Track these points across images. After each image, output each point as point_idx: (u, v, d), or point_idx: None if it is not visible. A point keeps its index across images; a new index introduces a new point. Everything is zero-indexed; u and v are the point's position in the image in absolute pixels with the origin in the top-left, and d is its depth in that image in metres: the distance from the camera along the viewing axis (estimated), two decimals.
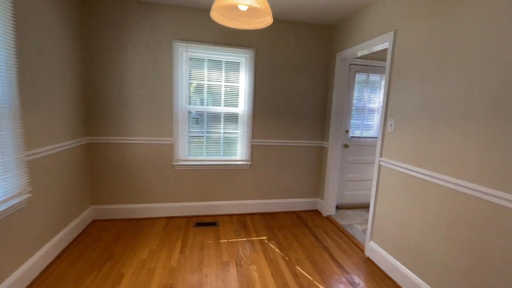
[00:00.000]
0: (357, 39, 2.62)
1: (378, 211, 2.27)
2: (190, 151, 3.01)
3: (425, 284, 1.78)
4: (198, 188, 3.06)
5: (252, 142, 3.09)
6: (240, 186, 3.15)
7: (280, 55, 3.02)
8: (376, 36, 2.33)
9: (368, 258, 2.35)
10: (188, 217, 3.03)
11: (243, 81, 3.01)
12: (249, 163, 3.11)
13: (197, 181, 3.04)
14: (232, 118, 3.06)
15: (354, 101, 3.34)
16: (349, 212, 3.39)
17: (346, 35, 2.82)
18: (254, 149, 3.12)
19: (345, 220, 3.13)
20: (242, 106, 3.05)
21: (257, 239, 2.61)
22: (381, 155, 2.25)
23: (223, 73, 2.96)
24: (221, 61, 2.93)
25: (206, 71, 2.91)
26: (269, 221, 3.02)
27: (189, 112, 2.94)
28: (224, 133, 3.06)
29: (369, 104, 3.44)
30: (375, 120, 3.46)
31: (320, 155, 3.33)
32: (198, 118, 2.98)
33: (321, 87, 3.21)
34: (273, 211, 3.29)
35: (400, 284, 1.98)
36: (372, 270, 2.18)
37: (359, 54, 2.70)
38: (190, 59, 2.86)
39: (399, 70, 2.06)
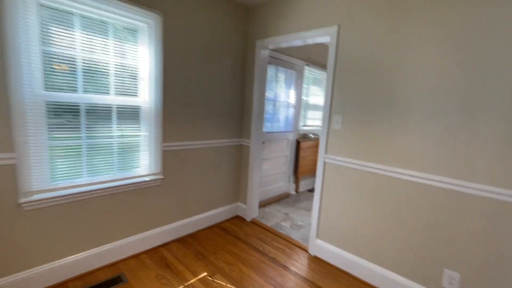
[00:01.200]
0: (287, 27, 2.42)
1: (324, 208, 2.25)
2: (56, 172, 1.73)
3: (380, 268, 1.92)
4: (79, 230, 1.85)
5: (163, 147, 2.22)
6: (148, 211, 2.22)
7: (194, 30, 2.30)
8: (314, 28, 2.22)
9: (315, 257, 2.31)
10: (65, 283, 1.78)
11: (145, 59, 2.05)
12: (161, 176, 2.23)
13: (75, 221, 1.82)
14: (130, 114, 2.04)
15: (266, 94, 3.20)
16: (267, 209, 3.28)
17: (271, 21, 2.55)
18: (166, 157, 2.27)
19: (270, 220, 2.99)
20: (147, 96, 2.10)
21: (196, 280, 1.92)
22: (326, 152, 2.21)
23: (112, 43, 1.87)
24: (106, 22, 1.83)
25: (79, 34, 1.72)
26: (195, 246, 2.34)
27: (49, 104, 1.65)
28: (120, 136, 2.00)
29: (279, 98, 3.41)
30: (285, 114, 3.50)
31: (239, 154, 2.96)
32: (69, 114, 1.74)
33: (239, 77, 2.80)
34: (192, 231, 2.60)
35: (356, 275, 2.06)
36: (326, 268, 2.15)
37: (284, 45, 2.53)
38: (44, 7, 1.57)
39: (344, 67, 2.05)
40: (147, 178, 2.14)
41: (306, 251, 2.40)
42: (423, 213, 1.71)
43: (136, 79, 2.03)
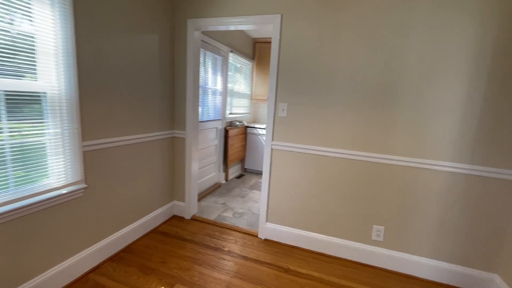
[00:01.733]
0: (225, 9, 2.26)
1: (273, 193, 2.36)
2: None
3: (324, 236, 2.23)
4: None
5: (83, 147, 1.69)
6: (68, 232, 1.68)
7: None
8: (257, 14, 2.17)
9: (266, 240, 2.41)
10: None
11: (48, 26, 1.46)
12: (82, 185, 1.71)
13: None
14: (27, 104, 1.43)
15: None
16: (203, 203, 3.13)
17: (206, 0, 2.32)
18: (88, 159, 1.75)
19: (211, 213, 2.88)
20: (53, 79, 1.52)
21: None
22: (273, 139, 2.29)
23: None
24: None
25: None
26: (137, 261, 1.98)
27: None
28: (13, 137, 1.38)
29: (207, 85, 3.20)
30: (213, 102, 3.33)
31: (173, 148, 2.63)
32: None
33: (169, 60, 2.43)
34: (127, 244, 2.17)
35: (306, 247, 2.29)
36: (279, 248, 2.29)
37: (222, 28, 2.38)
38: None
39: (287, 57, 2.14)
40: (64, 191, 1.59)
41: (256, 236, 2.47)
42: (355, 183, 2.08)
43: (33, 54, 1.42)
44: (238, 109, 4.27)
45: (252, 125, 4.42)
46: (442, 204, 1.89)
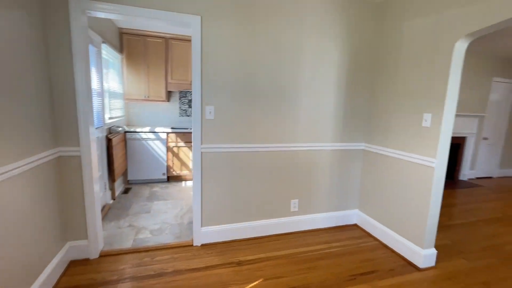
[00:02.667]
0: None
1: (206, 197, 2.33)
2: None
3: (255, 222, 2.53)
4: None
5: None
6: None
7: None
8: (173, 11, 1.99)
9: (203, 245, 2.37)
10: None
11: None
12: None
13: None
14: None
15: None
16: (103, 233, 2.47)
17: None
18: None
19: (122, 241, 2.37)
20: None
21: None
22: (202, 143, 2.24)
23: None
24: None
25: None
26: None
27: None
28: None
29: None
30: (95, 105, 2.59)
31: (57, 173, 1.90)
32: None
33: (41, 50, 1.70)
34: None
35: (242, 237, 2.48)
36: (216, 248, 2.34)
37: (122, 18, 1.98)
38: None
39: (210, 59, 2.15)
40: None
41: (192, 245, 2.36)
42: (275, 170, 2.52)
43: None
44: (116, 112, 3.55)
45: (133, 130, 3.83)
46: (327, 172, 2.71)
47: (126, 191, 3.64)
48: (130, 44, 3.85)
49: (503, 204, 3.81)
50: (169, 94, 4.36)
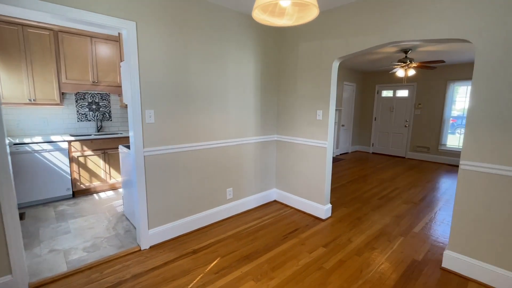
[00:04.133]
0: None
1: (151, 200, 2.37)
2: None
3: (199, 214, 2.78)
4: None
5: None
6: None
7: None
8: (104, 14, 1.92)
9: (151, 247, 2.40)
10: None
11: None
12: None
13: None
14: None
15: None
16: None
17: None
18: None
19: (52, 268, 2.07)
20: None
21: None
22: (144, 147, 2.26)
23: None
24: None
25: None
26: None
27: None
28: None
29: None
30: None
31: None
32: None
33: None
34: None
35: (188, 231, 2.66)
36: (164, 246, 2.45)
37: (38, 13, 1.76)
38: None
39: (146, 65, 2.20)
40: None
41: (140, 249, 2.36)
42: (212, 165, 2.83)
43: None
44: None
45: (19, 141, 3.08)
46: (252, 161, 3.27)
47: (20, 217, 2.95)
48: (2, 35, 3.05)
49: (357, 170, 5.59)
50: (62, 96, 3.72)
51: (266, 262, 2.22)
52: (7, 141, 2.77)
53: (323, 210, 3.03)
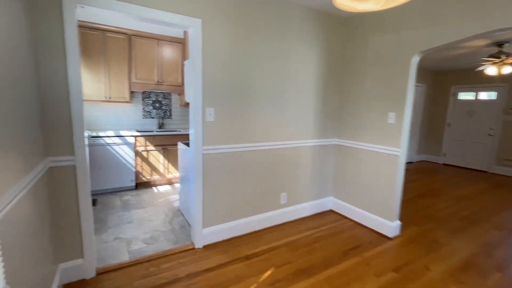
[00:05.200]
0: None
1: (207, 198, 2.35)
2: None
3: (252, 217, 2.67)
4: None
5: None
6: None
7: None
8: (171, 12, 1.95)
9: (205, 246, 2.38)
10: None
11: None
12: None
13: None
14: None
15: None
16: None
17: None
18: None
19: (115, 256, 2.19)
20: None
21: None
22: (203, 145, 2.25)
23: None
24: None
25: None
26: None
27: None
28: None
29: None
30: None
31: (49, 186, 1.67)
32: None
33: (30, 43, 1.48)
34: None
35: (241, 233, 2.58)
36: (218, 247, 2.39)
37: (116, 13, 1.85)
38: None
39: (210, 63, 2.18)
40: None
41: (193, 248, 2.35)
42: (267, 167, 2.70)
43: None
44: None
45: (95, 135, 3.44)
46: (309, 165, 3.04)
47: (93, 202, 3.26)
48: (87, 39, 3.44)
49: (426, 182, 4.87)
50: (132, 95, 4.04)
51: (325, 280, 1.98)
52: (86, 134, 3.09)
53: (390, 227, 2.64)
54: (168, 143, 3.98)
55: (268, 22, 2.44)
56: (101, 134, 3.50)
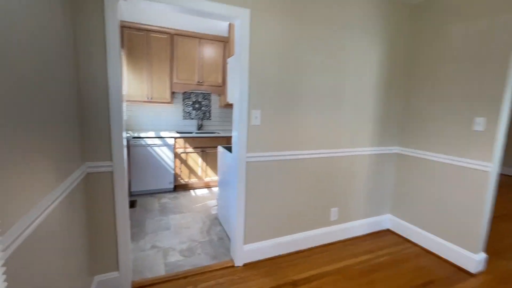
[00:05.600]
0: None
1: (250, 211, 2.10)
2: None
3: (300, 233, 2.35)
4: None
5: None
6: None
7: None
8: (221, 2, 1.73)
9: (245, 265, 2.13)
10: None
11: None
12: None
13: None
14: None
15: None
16: None
17: None
18: None
19: (151, 268, 2.04)
20: None
21: None
22: (247, 151, 2.00)
23: None
24: None
25: None
26: None
27: None
28: None
29: None
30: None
31: (87, 193, 1.56)
32: None
33: (69, 40, 1.36)
34: None
35: (285, 252, 2.28)
36: (259, 266, 2.12)
37: (160, 6, 1.68)
38: None
39: (257, 60, 1.92)
40: None
41: (233, 265, 2.11)
42: (318, 178, 2.35)
43: None
44: None
45: (137, 135, 3.42)
46: (364, 177, 2.62)
47: (132, 204, 3.24)
48: (132, 40, 3.44)
49: (506, 200, 4.04)
50: (172, 95, 3.99)
51: None
52: (127, 135, 3.07)
53: (472, 260, 2.11)
54: (207, 145, 3.84)
55: (323, 13, 2.10)
56: (142, 134, 3.47)
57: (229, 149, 2.62)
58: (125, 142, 1.73)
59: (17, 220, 0.80)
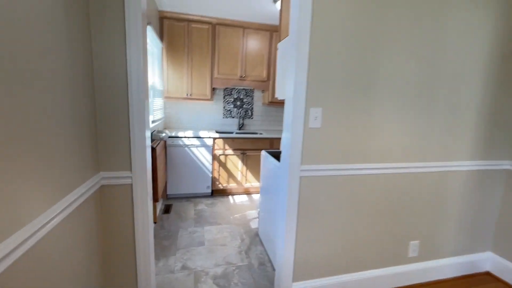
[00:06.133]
0: None
1: (301, 238, 1.61)
2: None
3: (363, 272, 1.79)
4: None
5: None
6: None
7: None
8: None
9: None
10: None
11: None
12: None
13: None
14: None
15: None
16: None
17: None
18: None
19: (182, 285, 1.70)
20: None
21: None
22: (302, 163, 1.51)
23: None
24: None
25: None
26: None
27: None
28: None
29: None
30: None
31: (100, 205, 1.25)
32: None
33: (81, 30, 1.04)
34: None
35: None
36: None
37: None
38: None
39: (320, 45, 1.42)
40: None
41: None
42: (392, 200, 1.75)
43: None
44: (157, 113, 2.91)
45: (174, 135, 3.18)
46: (457, 202, 1.92)
47: (167, 209, 3.00)
48: (172, 31, 3.19)
49: None
50: (213, 92, 3.68)
51: None
52: (163, 134, 2.82)
53: None
54: (248, 147, 3.44)
55: None
56: (180, 134, 3.21)
57: (273, 154, 2.16)
58: (148, 143, 1.39)
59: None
